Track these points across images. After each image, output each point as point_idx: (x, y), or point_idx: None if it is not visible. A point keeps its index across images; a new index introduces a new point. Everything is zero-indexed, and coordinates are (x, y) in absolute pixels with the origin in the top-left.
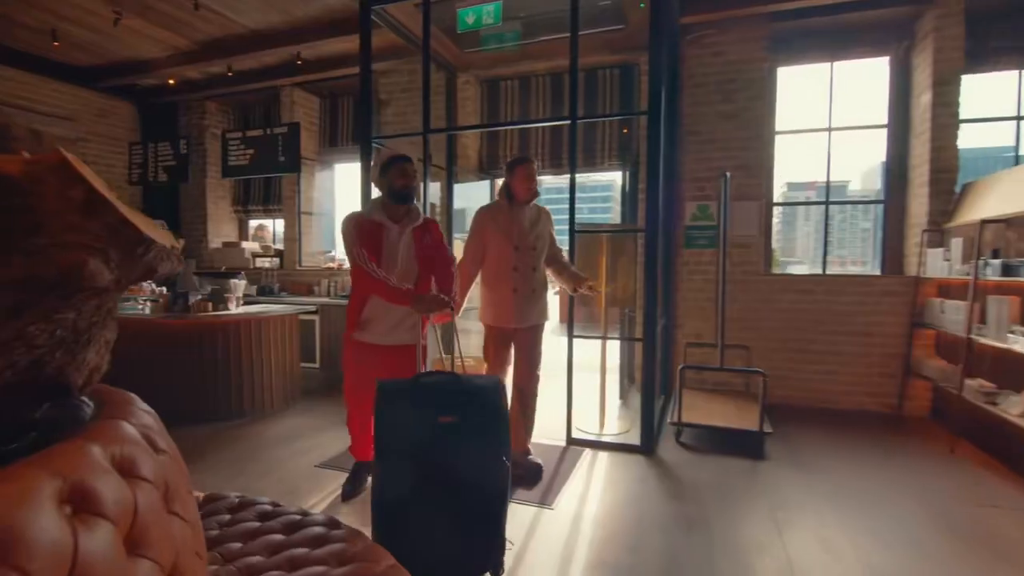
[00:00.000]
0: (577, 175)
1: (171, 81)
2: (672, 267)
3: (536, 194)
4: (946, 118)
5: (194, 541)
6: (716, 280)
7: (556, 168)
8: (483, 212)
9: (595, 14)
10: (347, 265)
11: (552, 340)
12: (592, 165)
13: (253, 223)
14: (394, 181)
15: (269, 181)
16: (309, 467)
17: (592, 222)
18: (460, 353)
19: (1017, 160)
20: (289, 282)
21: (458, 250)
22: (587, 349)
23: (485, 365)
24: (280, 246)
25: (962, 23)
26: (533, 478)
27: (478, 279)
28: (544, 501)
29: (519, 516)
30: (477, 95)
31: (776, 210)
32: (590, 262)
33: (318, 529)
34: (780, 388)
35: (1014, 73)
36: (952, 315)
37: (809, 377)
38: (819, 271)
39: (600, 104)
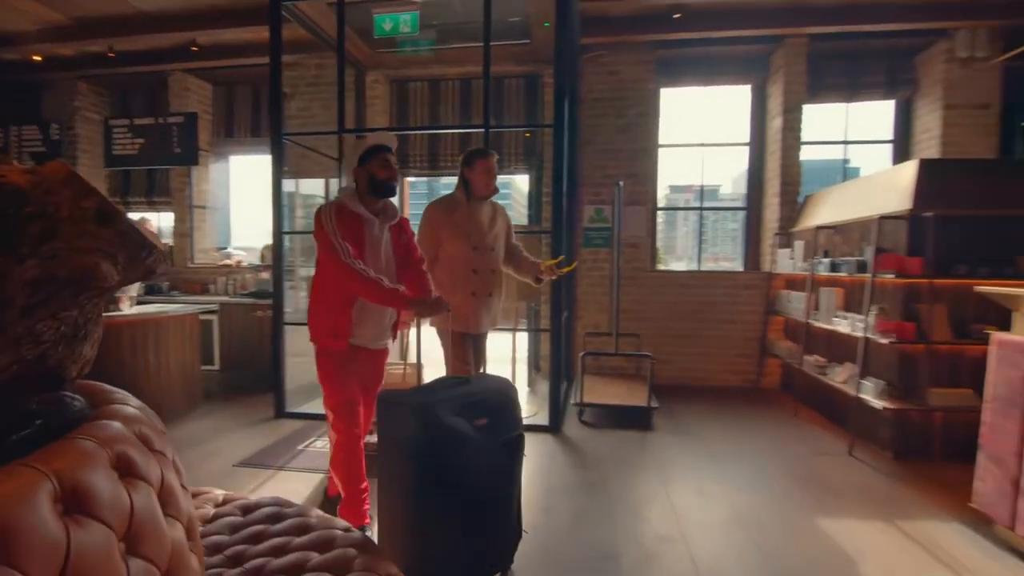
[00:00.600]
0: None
1: (36, 57)
2: (574, 265)
3: (496, 190)
4: (791, 140)
5: (191, 540)
6: (611, 276)
7: None
8: (437, 208)
9: (504, 28)
10: (250, 262)
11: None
12: (500, 168)
13: (134, 216)
14: (377, 172)
15: (153, 172)
16: (227, 467)
17: None
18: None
19: (845, 174)
20: (180, 280)
21: None
22: (497, 342)
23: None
24: (169, 241)
25: (805, 61)
26: None
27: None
28: None
29: None
30: (387, 94)
31: (660, 213)
32: None
33: (326, 532)
34: (664, 369)
35: (843, 105)
36: (796, 304)
37: (687, 359)
38: (695, 268)
39: (507, 110)
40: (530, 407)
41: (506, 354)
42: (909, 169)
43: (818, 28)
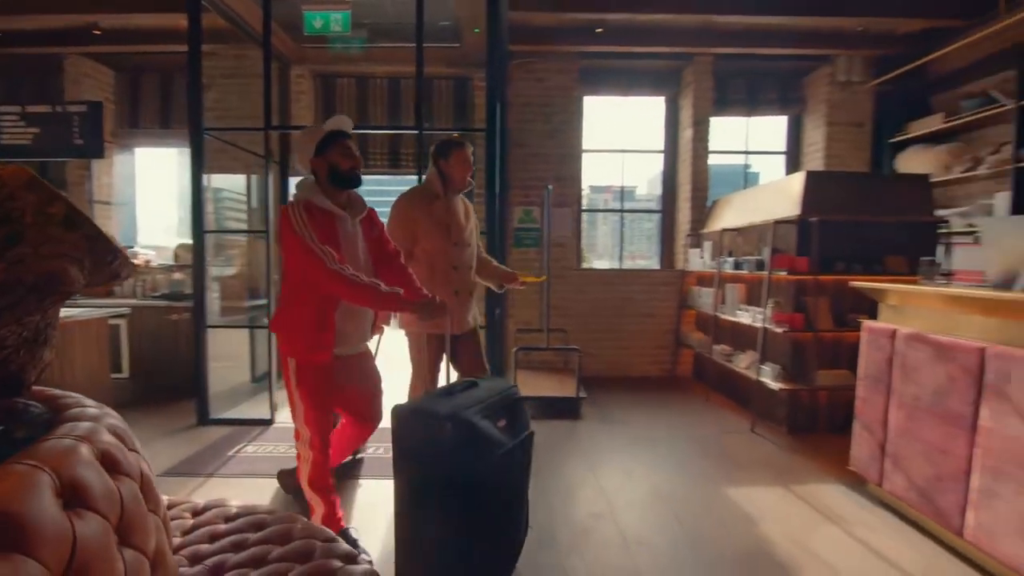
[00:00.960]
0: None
1: None
2: (504, 264)
3: (471, 183)
4: (701, 149)
5: (167, 537)
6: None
7: (395, 168)
8: (413, 200)
9: (435, 31)
10: (160, 261)
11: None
12: (412, 167)
13: None
14: (339, 162)
15: (46, 164)
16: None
17: None
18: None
19: (746, 178)
20: None
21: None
22: None
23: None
24: None
25: (712, 79)
26: None
27: None
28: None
29: (385, 490)
30: (312, 89)
31: (584, 214)
32: None
33: (280, 527)
34: (591, 362)
35: (744, 119)
36: (705, 299)
37: (611, 352)
38: (617, 266)
39: (436, 110)
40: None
41: None
42: (798, 180)
43: (722, 49)
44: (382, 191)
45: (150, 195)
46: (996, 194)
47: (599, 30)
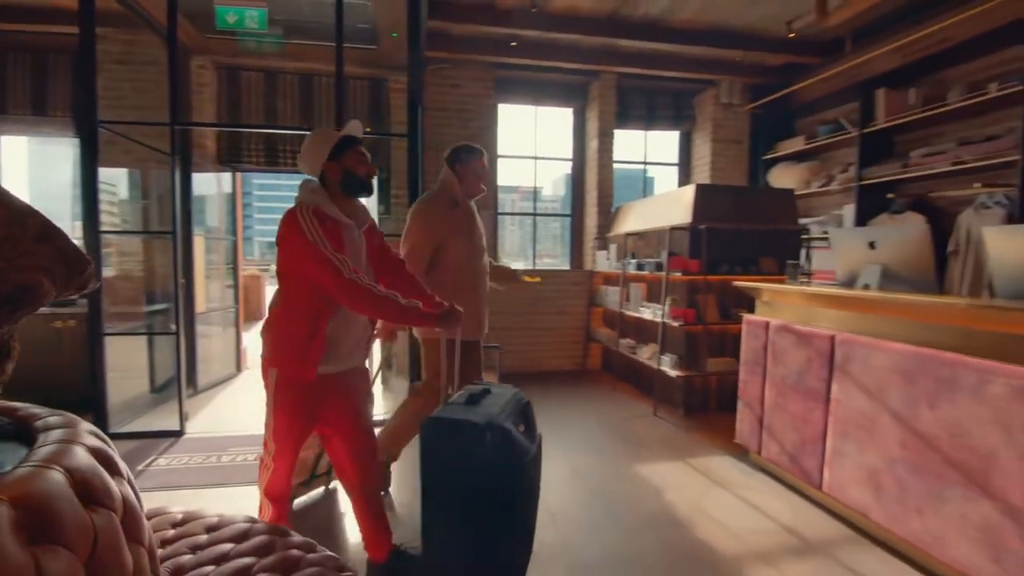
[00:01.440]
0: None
1: None
2: None
3: (483, 190)
4: (606, 159)
5: (151, 564)
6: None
7: None
8: (435, 206)
9: (352, 31)
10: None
11: None
12: None
13: None
14: (355, 168)
15: None
16: None
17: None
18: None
19: (645, 183)
20: None
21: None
22: None
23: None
24: None
25: (615, 94)
26: None
27: None
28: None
29: (320, 491)
30: (214, 82)
31: (508, 218)
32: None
33: (264, 538)
34: (508, 358)
35: (643, 132)
36: (612, 297)
37: (528, 348)
38: (531, 266)
39: (351, 111)
40: (389, 404)
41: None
42: (689, 191)
43: (624, 68)
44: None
45: (20, 189)
46: (844, 206)
47: (514, 44)
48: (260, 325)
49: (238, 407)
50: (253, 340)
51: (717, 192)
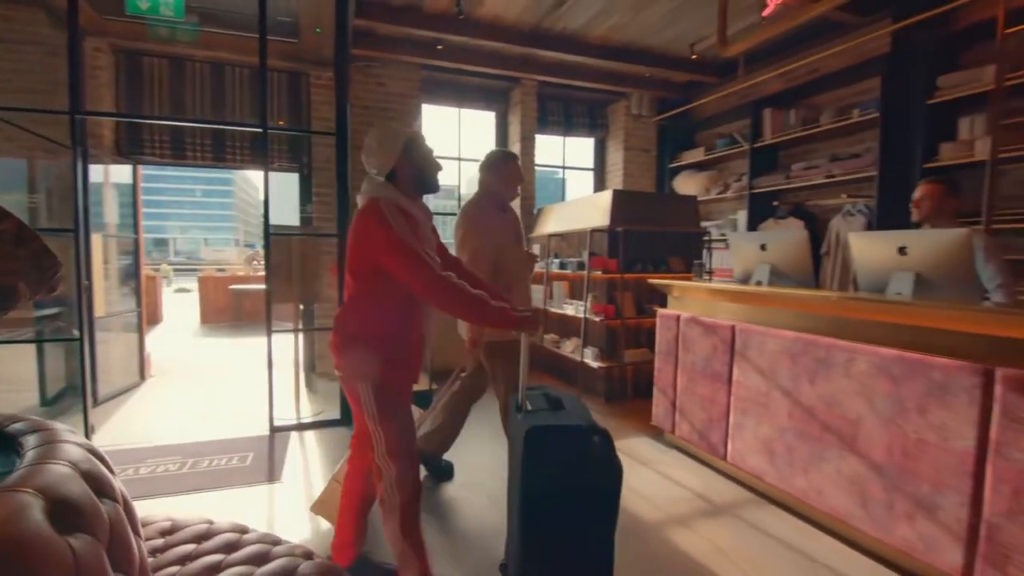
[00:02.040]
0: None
1: None
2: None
3: (517, 194)
4: (528, 163)
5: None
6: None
7: (219, 162)
8: (487, 211)
9: (272, 24)
10: None
11: (211, 342)
12: (245, 162)
13: None
14: (427, 165)
15: None
16: None
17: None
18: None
19: (564, 185)
20: None
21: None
22: (278, 345)
23: None
24: None
25: (535, 101)
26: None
27: None
28: (272, 478)
29: (257, 496)
30: (112, 66)
31: None
32: (281, 263)
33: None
34: (437, 357)
35: (561, 137)
36: (536, 295)
37: (456, 346)
38: None
39: (269, 104)
40: (313, 407)
41: (287, 357)
42: (607, 196)
43: (544, 77)
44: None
45: None
46: (739, 212)
47: (440, 47)
48: (155, 331)
49: (148, 417)
50: (157, 346)
51: (632, 197)
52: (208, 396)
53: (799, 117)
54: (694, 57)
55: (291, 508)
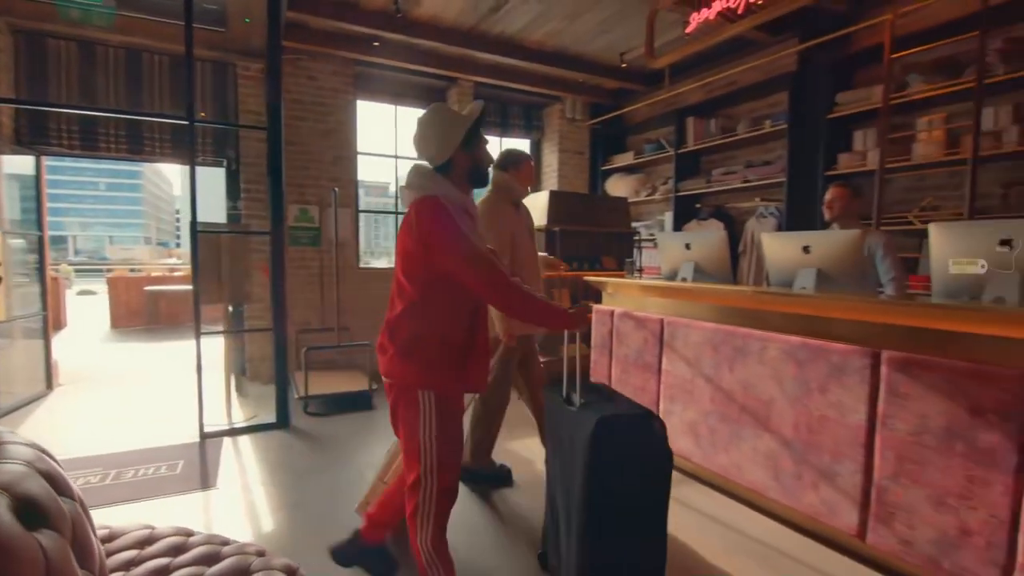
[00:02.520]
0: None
1: None
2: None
3: (528, 192)
4: None
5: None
6: (320, 274)
7: (136, 154)
8: (502, 206)
9: (198, 12)
10: None
11: (125, 347)
12: (165, 155)
13: None
14: (484, 157)
15: None
16: None
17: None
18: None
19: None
20: None
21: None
22: (207, 347)
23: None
24: None
25: (472, 100)
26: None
27: None
28: (206, 485)
29: (191, 504)
30: (10, 48)
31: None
32: (210, 262)
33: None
34: (374, 357)
35: (497, 138)
36: None
37: None
38: (393, 265)
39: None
40: (246, 411)
41: (215, 360)
42: (544, 196)
43: (480, 78)
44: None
45: None
46: (665, 213)
47: (376, 44)
48: (59, 337)
49: (59, 428)
50: (65, 353)
51: (568, 198)
52: (127, 404)
53: (718, 126)
54: (624, 66)
55: (232, 513)
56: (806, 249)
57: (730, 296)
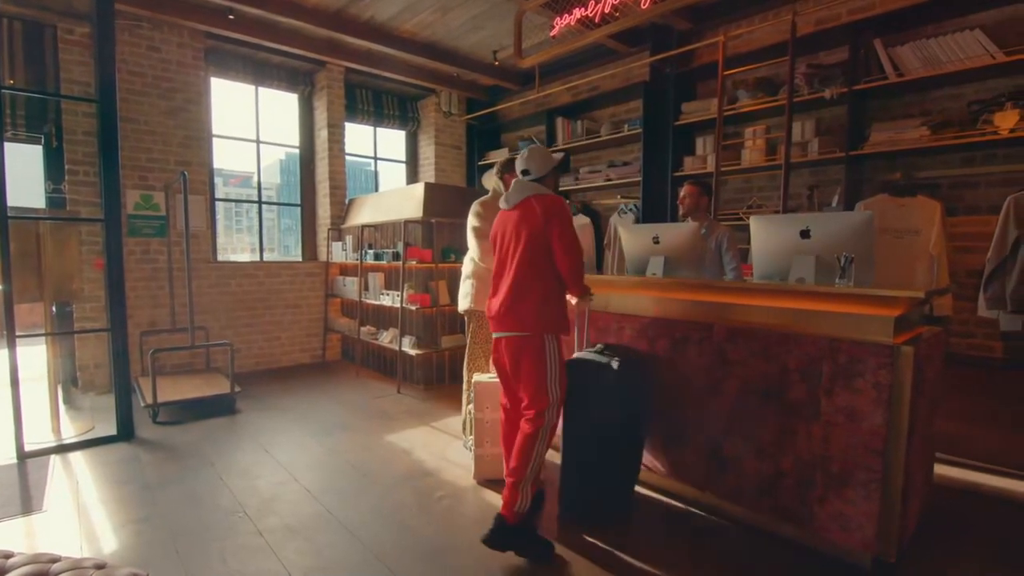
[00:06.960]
0: None
1: None
2: (121, 256)
3: None
4: (337, 151)
5: None
6: (168, 269)
7: None
8: (495, 204)
9: None
10: None
11: None
12: None
13: None
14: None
15: None
16: None
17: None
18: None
19: (376, 177)
20: None
21: None
22: (26, 356)
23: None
24: None
25: (343, 87)
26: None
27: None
28: (29, 509)
29: (13, 530)
30: None
31: (219, 204)
32: (26, 254)
33: None
34: (239, 358)
35: (371, 127)
36: (350, 287)
37: (260, 345)
38: (258, 259)
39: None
40: (80, 425)
41: (37, 369)
42: (419, 188)
43: (350, 64)
44: None
45: None
46: None
47: (231, 16)
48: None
49: None
50: None
51: (443, 191)
52: None
53: (584, 127)
54: (496, 63)
55: (65, 534)
56: (655, 240)
57: (596, 284)
